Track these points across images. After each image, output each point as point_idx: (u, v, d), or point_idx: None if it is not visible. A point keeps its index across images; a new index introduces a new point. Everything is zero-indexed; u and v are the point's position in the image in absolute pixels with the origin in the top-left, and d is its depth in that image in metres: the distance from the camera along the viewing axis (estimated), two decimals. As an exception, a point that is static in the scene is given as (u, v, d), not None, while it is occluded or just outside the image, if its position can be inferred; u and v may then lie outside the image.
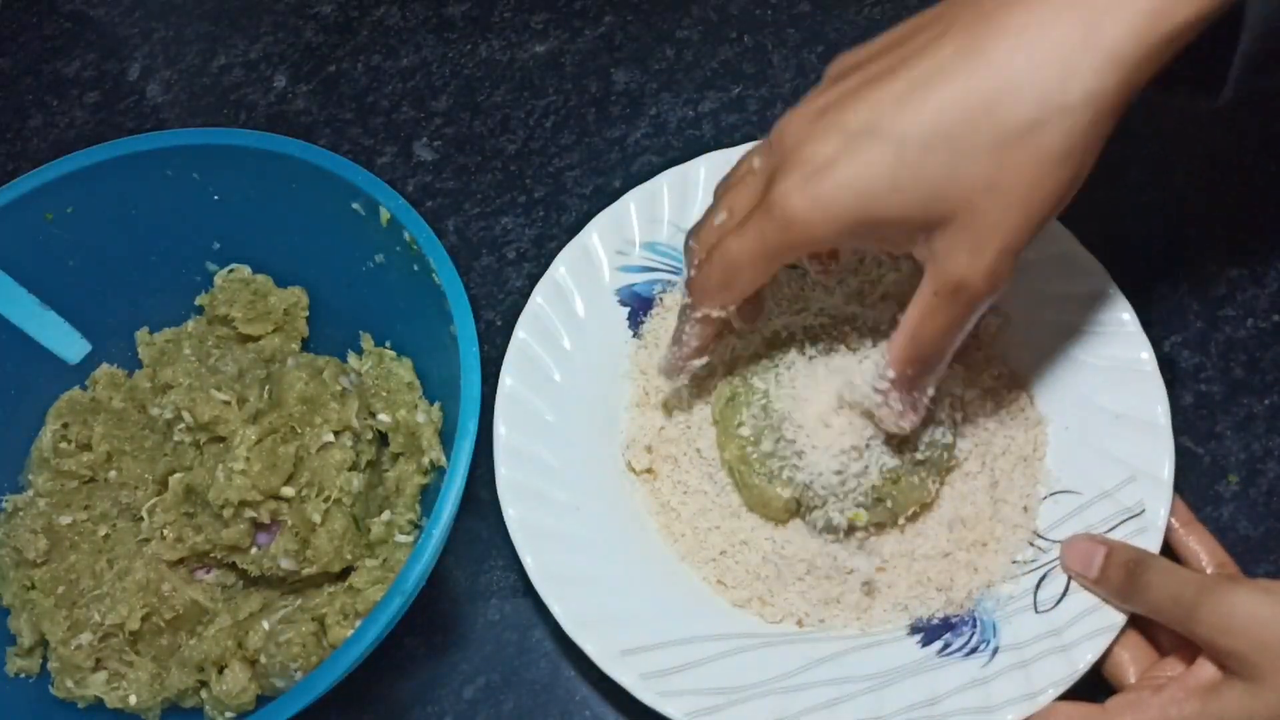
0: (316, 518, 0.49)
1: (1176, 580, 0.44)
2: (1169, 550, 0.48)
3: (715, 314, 0.46)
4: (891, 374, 0.44)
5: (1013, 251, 0.40)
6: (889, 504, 0.49)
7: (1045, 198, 0.39)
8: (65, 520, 0.53)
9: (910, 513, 0.50)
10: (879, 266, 0.56)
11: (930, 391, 0.45)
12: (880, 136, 0.39)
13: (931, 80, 0.39)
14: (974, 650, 0.48)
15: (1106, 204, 0.60)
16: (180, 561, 0.51)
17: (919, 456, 0.49)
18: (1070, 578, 0.48)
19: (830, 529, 0.50)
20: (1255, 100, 0.61)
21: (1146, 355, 0.52)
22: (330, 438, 0.50)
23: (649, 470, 0.54)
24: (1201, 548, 0.48)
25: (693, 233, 0.47)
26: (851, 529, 0.50)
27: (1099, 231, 0.58)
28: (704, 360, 0.50)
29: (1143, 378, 0.51)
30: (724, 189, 0.47)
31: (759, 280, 0.44)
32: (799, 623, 0.50)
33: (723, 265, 0.44)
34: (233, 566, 0.50)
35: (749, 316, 0.49)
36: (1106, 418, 0.51)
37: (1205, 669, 0.43)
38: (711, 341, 0.49)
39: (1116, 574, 0.46)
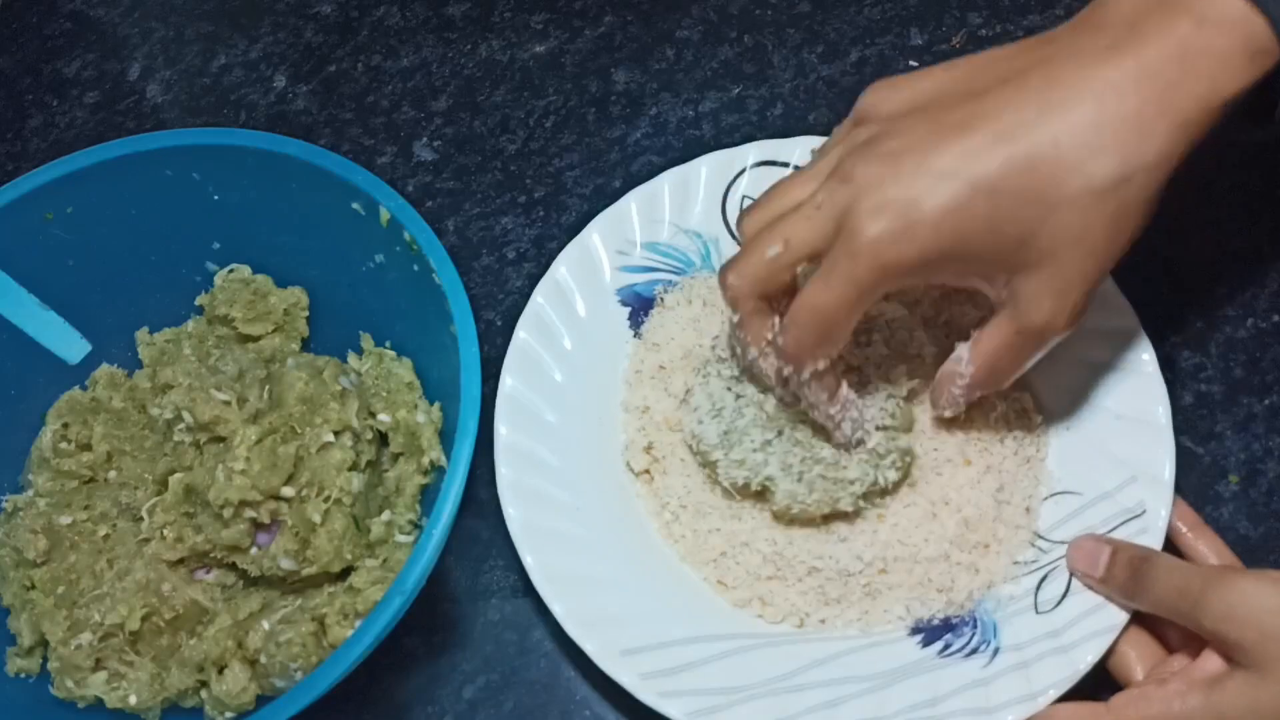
0: (316, 518, 0.49)
1: (1181, 574, 0.44)
2: (1176, 554, 0.48)
3: (823, 365, 0.46)
4: (960, 390, 0.48)
5: (1092, 295, 0.44)
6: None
7: (1123, 245, 0.43)
8: (65, 520, 0.53)
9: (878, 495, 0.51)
10: None
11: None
12: (971, 183, 0.41)
13: (1017, 135, 0.41)
14: (974, 651, 0.48)
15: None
16: (180, 561, 0.51)
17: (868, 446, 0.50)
18: (1072, 578, 0.48)
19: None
20: None
21: (1147, 355, 0.52)
22: (330, 438, 0.50)
23: (648, 471, 0.54)
24: (1210, 550, 0.48)
25: (734, 270, 0.46)
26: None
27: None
28: (850, 397, 0.49)
29: (1143, 378, 0.51)
30: (765, 221, 0.45)
31: (849, 323, 0.44)
32: (799, 623, 0.50)
33: (816, 319, 0.44)
34: (233, 566, 0.50)
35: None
36: (1107, 418, 0.51)
37: (1210, 661, 0.43)
38: (838, 383, 0.48)
39: (1122, 571, 0.46)
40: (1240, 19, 0.40)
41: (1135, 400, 0.51)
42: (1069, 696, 0.45)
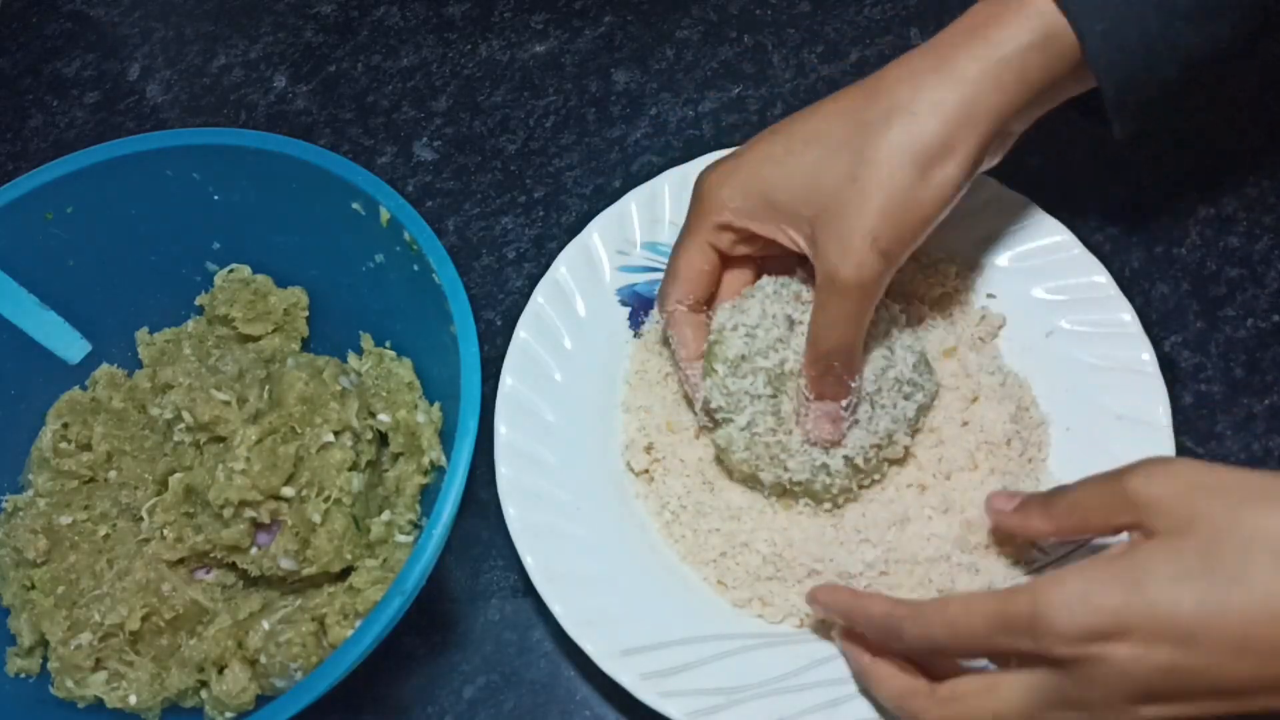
0: (316, 518, 0.49)
1: (1097, 476, 0.42)
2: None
3: (674, 308, 0.52)
4: (804, 380, 0.48)
5: (877, 245, 0.45)
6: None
7: (901, 196, 0.45)
8: (65, 520, 0.53)
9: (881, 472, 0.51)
10: None
11: (846, 402, 0.48)
12: (778, 135, 0.48)
13: (827, 100, 0.48)
14: (974, 650, 0.48)
15: (1107, 203, 0.60)
16: (180, 561, 0.51)
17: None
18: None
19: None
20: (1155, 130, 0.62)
21: (1147, 355, 0.52)
22: (330, 438, 0.50)
23: (648, 471, 0.54)
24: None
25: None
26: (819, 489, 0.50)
27: (1099, 231, 0.58)
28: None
29: (1143, 378, 0.51)
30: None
31: (694, 265, 0.51)
32: (800, 623, 0.50)
33: (672, 266, 0.52)
34: (233, 566, 0.50)
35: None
36: (1108, 418, 0.51)
37: (1114, 548, 0.40)
38: (701, 334, 0.52)
39: (1037, 495, 0.45)
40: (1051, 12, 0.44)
41: (1135, 400, 0.51)
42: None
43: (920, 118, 0.44)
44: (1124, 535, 0.40)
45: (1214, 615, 0.35)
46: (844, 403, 0.48)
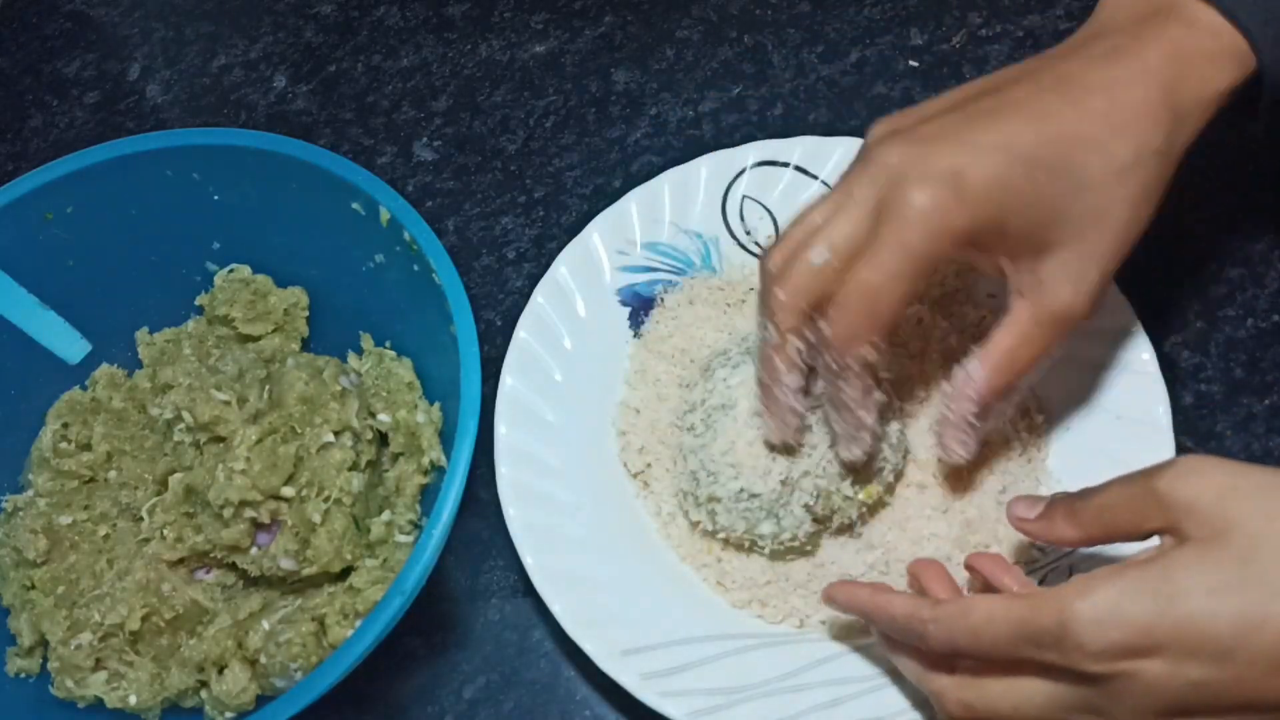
0: (316, 518, 0.49)
1: (1125, 475, 0.41)
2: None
3: (871, 356, 0.43)
4: (973, 405, 0.45)
5: (1109, 280, 0.44)
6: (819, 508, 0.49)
7: (1137, 230, 0.44)
8: (65, 520, 0.53)
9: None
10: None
11: (997, 419, 0.47)
12: (1011, 155, 0.42)
13: (1046, 116, 0.43)
14: (974, 650, 0.48)
15: (1107, 204, 0.60)
16: (180, 561, 0.51)
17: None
18: (1073, 577, 0.47)
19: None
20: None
21: (1147, 355, 0.52)
22: (330, 438, 0.50)
23: (646, 469, 0.54)
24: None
25: (781, 285, 0.44)
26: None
27: (1099, 231, 0.58)
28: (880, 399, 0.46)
29: (1143, 378, 0.51)
30: (793, 248, 0.44)
31: (904, 300, 0.42)
32: (800, 623, 0.50)
33: (862, 296, 0.42)
34: (233, 566, 0.50)
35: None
36: (1108, 418, 0.51)
37: (1145, 553, 0.38)
38: (876, 383, 0.46)
39: (1061, 499, 0.43)
40: (1223, 26, 0.44)
41: (1135, 400, 0.51)
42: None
43: (1161, 157, 0.44)
44: (1154, 539, 0.39)
45: (1252, 630, 0.34)
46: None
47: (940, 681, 0.42)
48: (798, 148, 0.58)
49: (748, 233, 0.59)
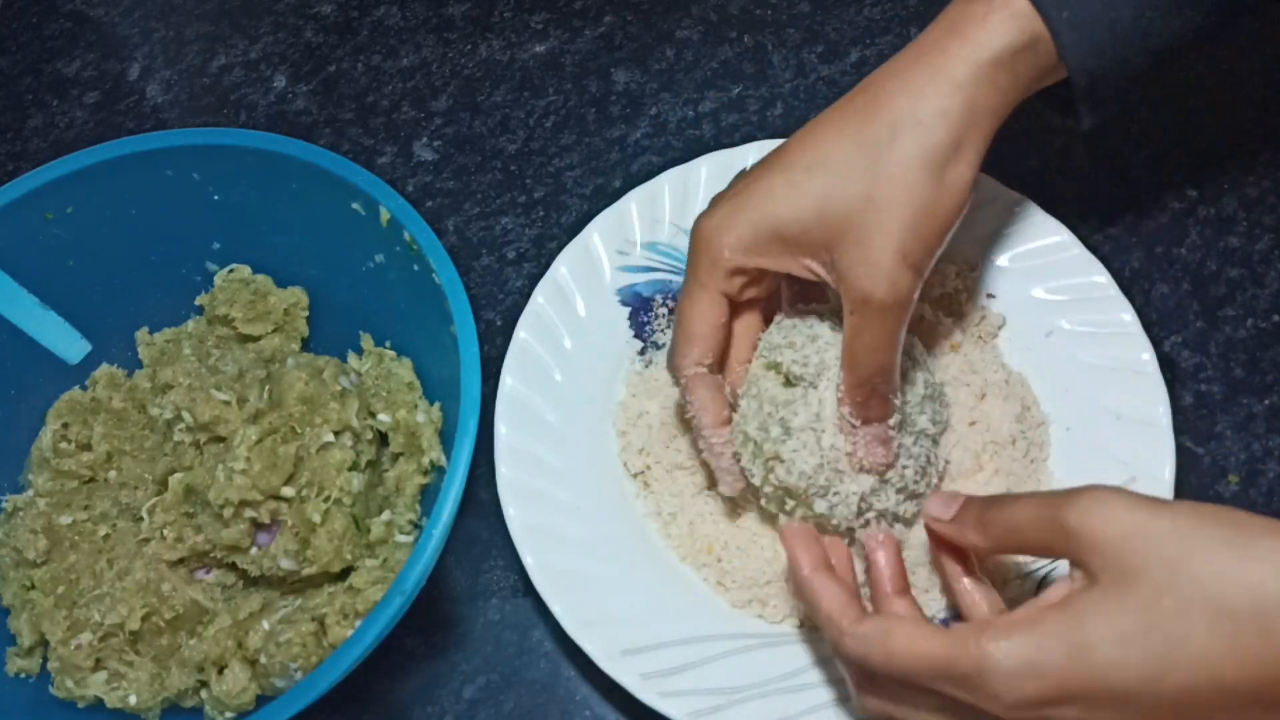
0: (316, 518, 0.49)
1: (1034, 497, 0.41)
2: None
3: (690, 371, 0.49)
4: (845, 407, 0.46)
5: (907, 260, 0.44)
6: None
7: (922, 206, 0.44)
8: (65, 520, 0.53)
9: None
10: None
11: (892, 421, 0.46)
12: (774, 167, 0.46)
13: (818, 123, 0.47)
14: (974, 650, 0.48)
15: (1107, 204, 0.60)
16: (180, 561, 0.51)
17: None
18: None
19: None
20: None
21: (1147, 355, 0.52)
22: (330, 438, 0.50)
23: (644, 473, 0.54)
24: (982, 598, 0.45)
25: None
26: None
27: (1099, 231, 0.58)
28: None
29: (1143, 378, 0.51)
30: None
31: (706, 319, 0.48)
32: (800, 623, 0.50)
33: (679, 322, 0.49)
34: (233, 566, 0.50)
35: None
36: (1108, 418, 0.51)
37: (1059, 588, 0.39)
38: (723, 402, 0.50)
39: (974, 505, 0.43)
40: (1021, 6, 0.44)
41: (1135, 400, 0.51)
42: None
43: (927, 127, 0.44)
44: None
45: (1155, 680, 0.35)
46: (891, 422, 0.46)
47: (854, 667, 0.43)
48: (798, 148, 0.58)
49: (748, 233, 0.59)
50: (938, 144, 0.44)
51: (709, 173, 0.58)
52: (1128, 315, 0.53)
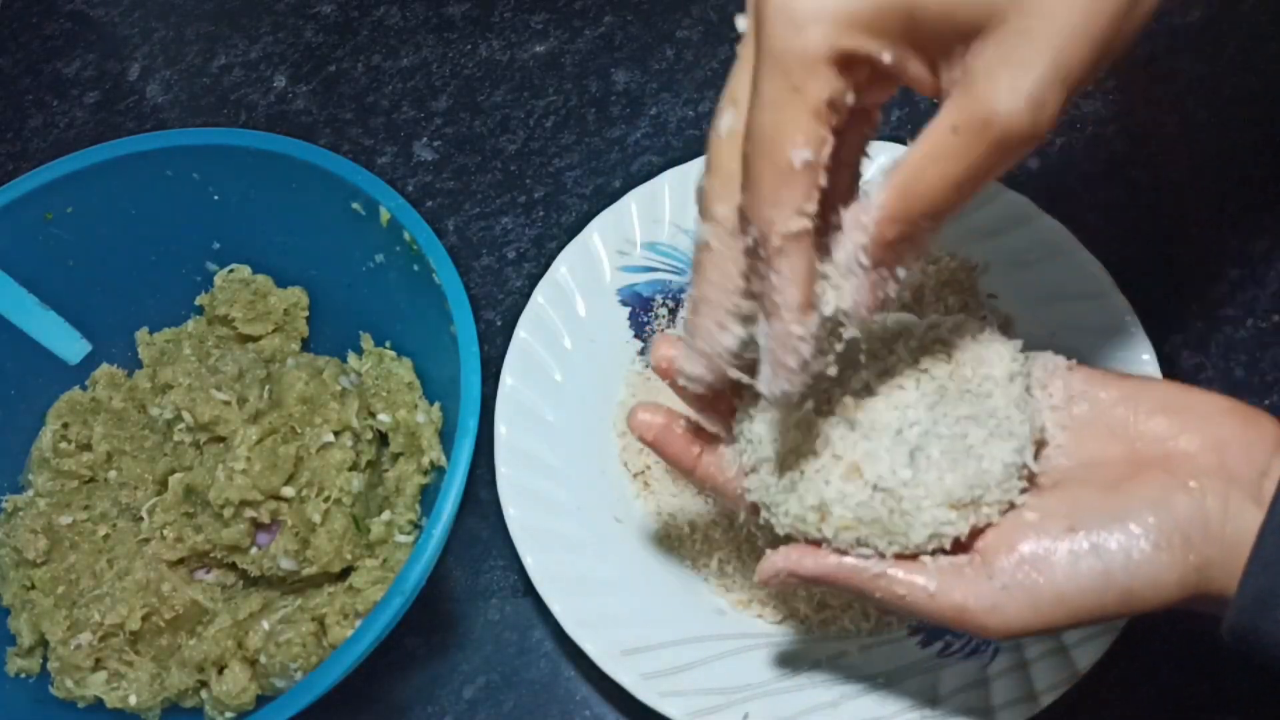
0: (316, 518, 0.49)
1: None
2: None
3: (794, 226, 0.32)
4: (867, 235, 0.33)
5: (1065, 78, 0.31)
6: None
7: (1109, 13, 0.31)
8: (65, 520, 0.53)
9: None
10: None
11: (903, 275, 0.34)
12: None
13: None
14: (975, 651, 0.48)
15: (1107, 204, 0.60)
16: (180, 561, 0.51)
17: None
18: None
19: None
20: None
21: (1147, 356, 0.52)
22: (330, 438, 0.50)
23: (644, 472, 0.54)
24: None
25: (706, 170, 0.36)
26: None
27: (1099, 231, 0.58)
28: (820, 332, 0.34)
29: (1143, 378, 0.51)
30: (724, 94, 0.35)
31: (808, 135, 0.31)
32: (800, 623, 0.50)
33: (759, 149, 0.32)
34: (233, 566, 0.50)
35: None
36: (1107, 418, 0.51)
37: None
38: (813, 275, 0.33)
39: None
40: None
41: (1135, 400, 0.51)
42: (1069, 696, 0.45)
43: None
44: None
45: None
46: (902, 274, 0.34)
47: None
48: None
49: (748, 233, 0.59)
50: None
51: (709, 173, 0.58)
52: (1128, 315, 0.53)
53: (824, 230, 0.33)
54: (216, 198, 0.55)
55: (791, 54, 0.31)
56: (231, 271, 0.57)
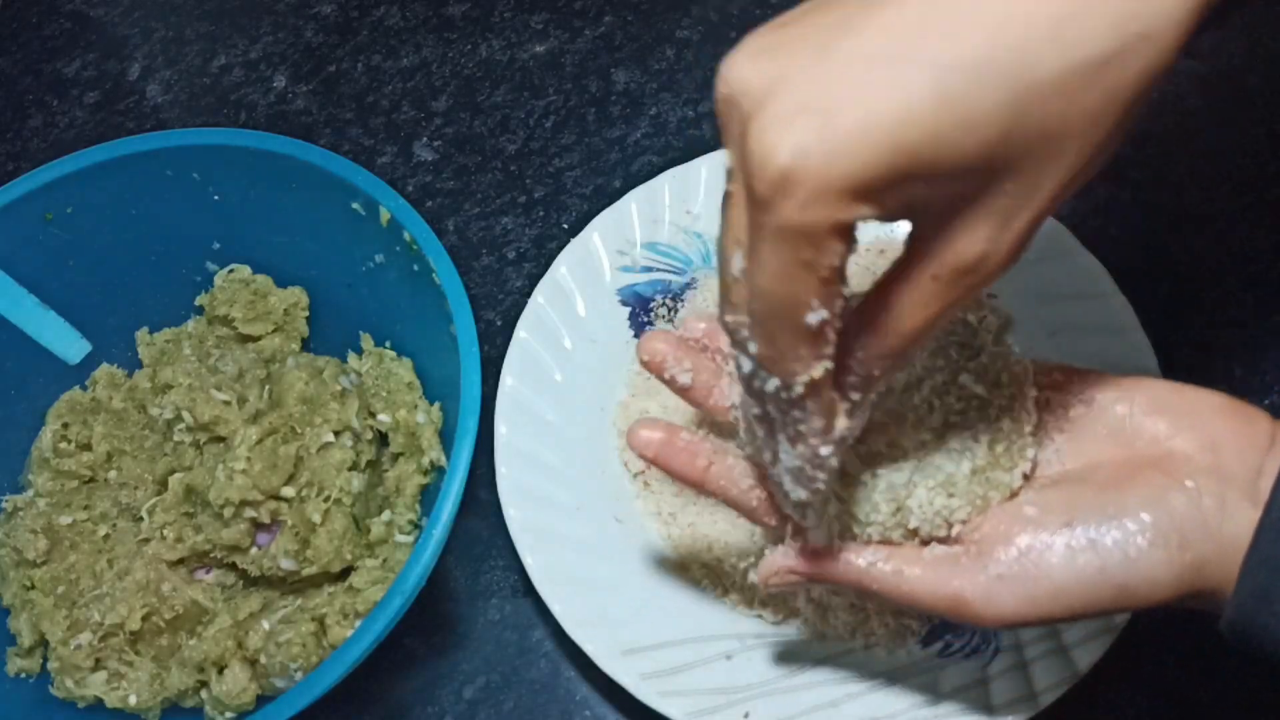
0: (316, 518, 0.49)
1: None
2: None
3: (817, 373, 0.32)
4: (855, 379, 0.34)
5: (1041, 222, 0.31)
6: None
7: (1099, 152, 0.31)
8: (65, 520, 0.53)
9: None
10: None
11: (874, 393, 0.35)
12: (907, 65, 0.28)
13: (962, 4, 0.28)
14: (975, 651, 0.48)
15: (1107, 204, 0.60)
16: (180, 561, 0.51)
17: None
18: None
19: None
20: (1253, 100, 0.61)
21: (1147, 356, 0.52)
22: (330, 438, 0.50)
23: (644, 472, 0.54)
24: None
25: (722, 305, 0.33)
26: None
27: (1099, 231, 0.58)
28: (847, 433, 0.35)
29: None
30: (723, 234, 0.33)
31: (821, 294, 0.30)
32: (800, 623, 0.50)
33: (768, 311, 0.31)
34: (233, 566, 0.50)
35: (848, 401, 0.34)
36: (1107, 418, 0.51)
37: None
38: (835, 412, 0.34)
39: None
40: None
41: (1135, 400, 0.51)
42: (1069, 697, 0.45)
43: (1155, 42, 0.29)
44: None
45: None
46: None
47: None
48: (798, 148, 0.58)
49: (748, 233, 0.59)
50: (1158, 68, 0.30)
51: (709, 173, 0.58)
52: (1128, 315, 0.53)
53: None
54: (216, 198, 0.55)
55: (797, 231, 0.29)
56: (231, 271, 0.57)
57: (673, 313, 0.57)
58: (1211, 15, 0.31)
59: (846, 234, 0.29)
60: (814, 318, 0.30)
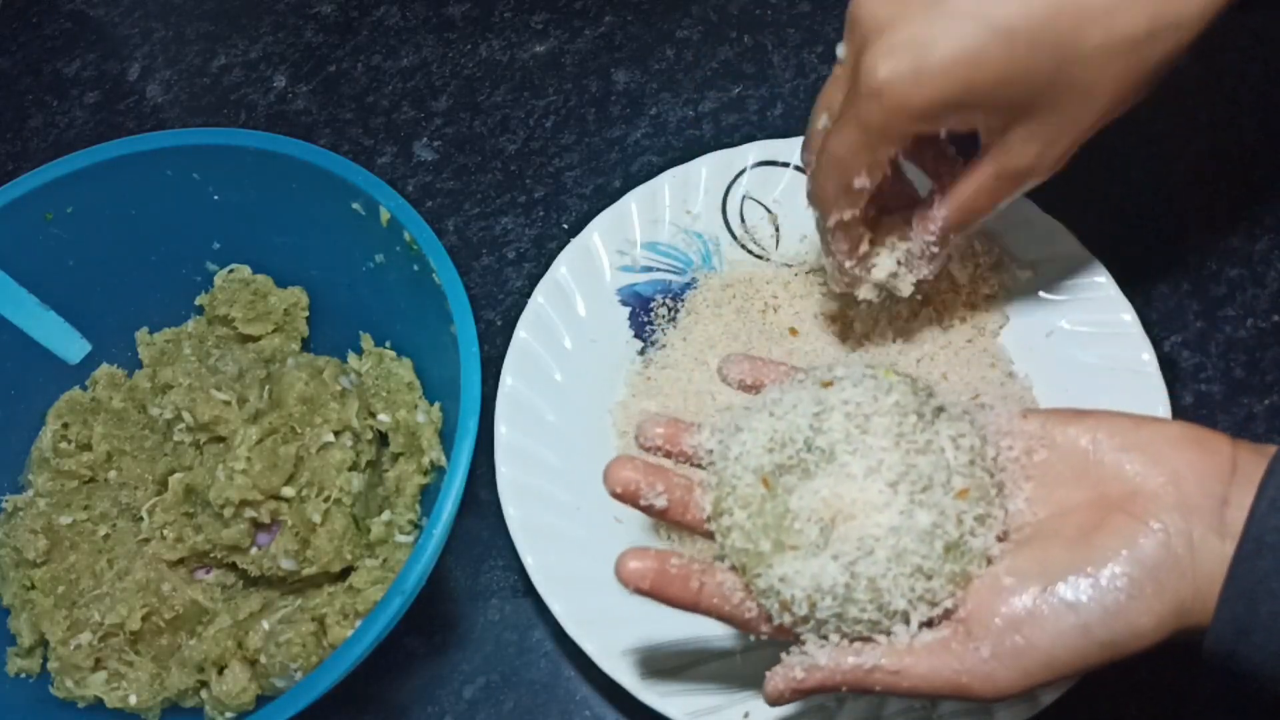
0: (316, 518, 0.49)
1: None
2: None
3: (846, 217, 0.46)
4: (933, 236, 0.47)
5: (1078, 145, 0.43)
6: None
7: (1125, 103, 0.42)
8: (65, 520, 0.53)
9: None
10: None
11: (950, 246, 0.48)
12: (989, 26, 0.39)
13: None
14: (974, 650, 0.48)
15: (1107, 203, 0.60)
16: (180, 561, 0.51)
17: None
18: None
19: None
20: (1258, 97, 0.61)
21: (1147, 355, 0.52)
22: (330, 438, 0.50)
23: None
24: None
25: (805, 145, 0.48)
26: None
27: (1099, 231, 0.58)
28: (870, 261, 0.49)
29: (1143, 378, 0.51)
30: (820, 97, 0.47)
31: (870, 171, 0.43)
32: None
33: (829, 165, 0.44)
34: (233, 566, 0.50)
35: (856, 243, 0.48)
36: (1107, 418, 0.51)
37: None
38: (860, 243, 0.48)
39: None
40: None
41: (1135, 400, 0.51)
42: (1069, 697, 0.45)
43: (1183, 29, 0.40)
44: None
45: None
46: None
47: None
48: (797, 148, 0.58)
49: (748, 232, 0.59)
50: (1182, 48, 0.41)
51: (709, 173, 0.58)
52: (1128, 315, 0.53)
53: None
54: (216, 198, 0.55)
55: (875, 125, 0.42)
56: (231, 271, 0.57)
57: (673, 312, 0.57)
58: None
59: (906, 140, 0.43)
60: (859, 183, 0.44)
